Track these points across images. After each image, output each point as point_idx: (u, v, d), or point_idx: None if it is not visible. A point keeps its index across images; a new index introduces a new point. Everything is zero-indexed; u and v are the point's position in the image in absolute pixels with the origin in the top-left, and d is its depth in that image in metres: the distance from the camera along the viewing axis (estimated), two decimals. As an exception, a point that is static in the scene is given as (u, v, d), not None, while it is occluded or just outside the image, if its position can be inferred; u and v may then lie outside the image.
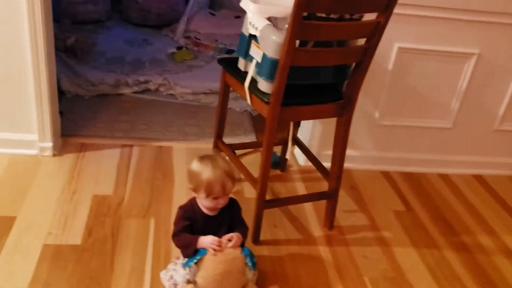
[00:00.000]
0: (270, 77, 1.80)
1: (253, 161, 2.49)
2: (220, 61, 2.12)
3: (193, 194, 1.71)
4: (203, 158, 1.71)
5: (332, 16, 1.72)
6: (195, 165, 1.68)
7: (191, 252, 1.68)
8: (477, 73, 2.55)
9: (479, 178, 2.82)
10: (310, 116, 1.97)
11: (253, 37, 1.90)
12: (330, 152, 2.54)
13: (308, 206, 2.33)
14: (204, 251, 1.66)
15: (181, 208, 1.75)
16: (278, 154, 2.56)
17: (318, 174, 2.55)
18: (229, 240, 1.68)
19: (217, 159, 1.71)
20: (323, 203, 2.24)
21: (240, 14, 4.37)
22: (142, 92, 3.16)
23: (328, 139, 2.57)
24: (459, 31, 2.43)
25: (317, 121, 2.49)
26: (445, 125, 2.69)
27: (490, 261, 2.18)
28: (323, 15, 1.71)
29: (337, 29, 1.69)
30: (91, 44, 3.55)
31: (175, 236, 1.71)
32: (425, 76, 2.53)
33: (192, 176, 1.67)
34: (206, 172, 1.64)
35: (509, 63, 2.55)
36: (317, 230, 2.21)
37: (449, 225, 2.39)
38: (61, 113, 2.50)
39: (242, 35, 1.96)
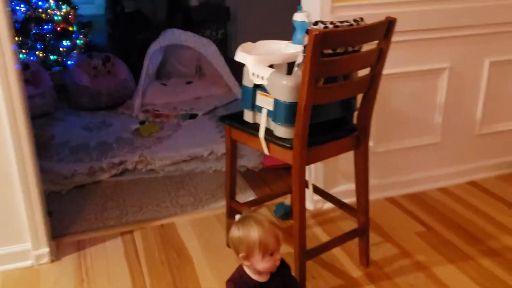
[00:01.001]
0: (288, 121, 1.75)
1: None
2: (223, 119, 2.04)
3: (244, 263, 1.56)
4: (240, 221, 1.58)
5: (338, 50, 1.71)
6: (238, 232, 1.55)
7: (256, 326, 1.52)
8: (451, 85, 2.65)
9: (474, 184, 2.87)
10: (331, 153, 1.92)
11: (257, 87, 1.85)
12: (338, 189, 2.53)
13: (335, 249, 2.23)
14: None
15: (231, 281, 1.59)
16: (288, 203, 2.47)
17: (332, 215, 2.51)
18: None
19: (254, 216, 1.59)
20: (349, 242, 2.16)
21: (191, 80, 4.36)
22: (121, 174, 2.99)
23: (332, 175, 2.55)
24: (429, 49, 2.53)
25: (318, 161, 2.45)
26: (433, 140, 2.75)
27: (525, 259, 2.19)
28: (330, 51, 1.70)
29: (351, 61, 1.69)
30: (49, 137, 3.33)
31: (234, 314, 1.55)
32: (407, 97, 2.59)
33: (241, 243, 1.53)
34: (254, 231, 1.52)
35: (477, 71, 2.68)
36: (355, 270, 2.12)
37: (470, 234, 2.38)
38: (49, 213, 2.27)
39: (244, 87, 1.91)
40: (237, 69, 5.02)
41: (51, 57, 4.60)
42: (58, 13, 4.57)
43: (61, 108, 4.05)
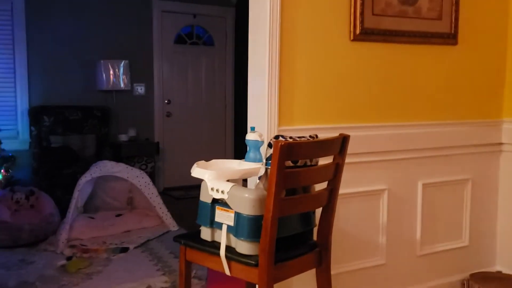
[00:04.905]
0: (251, 236, 1.68)
1: None
2: (177, 238, 1.91)
3: None
4: None
5: (299, 163, 1.74)
6: None
7: None
8: (391, 206, 2.75)
9: (421, 306, 2.85)
10: (295, 271, 1.82)
11: (216, 202, 1.79)
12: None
13: None
14: None
15: None
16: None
17: None
18: None
19: None
20: None
21: (121, 213, 4.17)
22: (45, 315, 2.63)
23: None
24: (369, 171, 2.66)
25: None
26: (379, 262, 2.74)
27: None
28: (291, 164, 1.72)
29: (312, 174, 1.71)
30: (-42, 278, 2.91)
31: None
32: (352, 218, 2.63)
33: None
34: None
35: (412, 192, 2.83)
36: None
37: None
38: None
39: (202, 203, 1.83)
40: (168, 201, 4.88)
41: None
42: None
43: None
